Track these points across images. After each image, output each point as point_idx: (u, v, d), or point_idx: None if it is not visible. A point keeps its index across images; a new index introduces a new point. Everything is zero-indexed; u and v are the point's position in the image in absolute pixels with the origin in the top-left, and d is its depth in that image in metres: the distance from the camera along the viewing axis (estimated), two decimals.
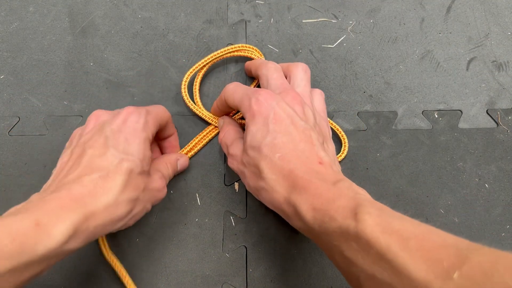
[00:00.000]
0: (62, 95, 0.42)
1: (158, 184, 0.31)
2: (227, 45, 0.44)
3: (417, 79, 0.43)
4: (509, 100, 0.42)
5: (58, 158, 0.30)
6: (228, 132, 0.35)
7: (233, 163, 0.33)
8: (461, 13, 0.47)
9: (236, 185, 0.38)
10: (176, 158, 0.36)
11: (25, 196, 0.25)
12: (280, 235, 0.36)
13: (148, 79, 0.43)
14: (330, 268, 0.35)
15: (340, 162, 0.38)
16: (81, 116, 0.41)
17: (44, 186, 0.28)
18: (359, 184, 0.31)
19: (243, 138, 0.33)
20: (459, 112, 0.41)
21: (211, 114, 0.40)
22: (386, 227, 0.20)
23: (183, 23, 0.46)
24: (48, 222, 0.23)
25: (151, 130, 0.31)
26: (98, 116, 0.31)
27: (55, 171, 0.29)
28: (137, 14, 0.47)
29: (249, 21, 0.46)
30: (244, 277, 0.35)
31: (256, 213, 0.37)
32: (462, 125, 0.41)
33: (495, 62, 0.44)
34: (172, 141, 0.37)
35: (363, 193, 0.26)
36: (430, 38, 0.45)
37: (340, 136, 0.40)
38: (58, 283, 0.35)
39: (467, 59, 0.44)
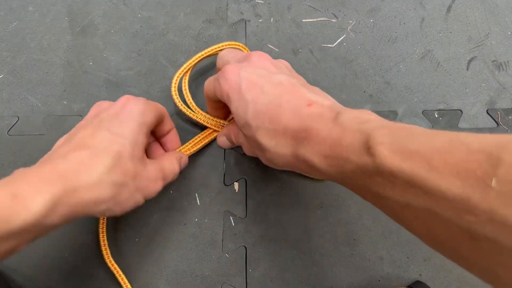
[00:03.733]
0: (61, 94, 0.42)
1: (152, 174, 0.29)
2: None
3: (417, 78, 0.43)
4: (509, 100, 0.42)
5: None
6: (230, 128, 0.36)
7: (245, 151, 0.34)
8: (461, 13, 0.47)
9: (236, 185, 0.38)
10: (180, 155, 0.35)
11: None
12: (280, 235, 0.36)
13: (148, 78, 0.43)
14: (330, 268, 0.35)
15: None
16: (81, 115, 0.41)
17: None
18: None
19: None
20: (459, 111, 0.41)
21: (209, 116, 0.39)
22: (404, 152, 0.19)
23: (182, 22, 0.46)
24: (26, 194, 0.22)
25: (149, 117, 0.30)
26: (99, 105, 0.32)
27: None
28: (137, 14, 0.47)
29: (249, 21, 0.46)
30: (244, 277, 0.35)
31: (256, 213, 0.37)
32: (462, 125, 0.41)
33: (495, 62, 0.44)
34: (173, 136, 0.37)
35: (366, 118, 0.24)
36: (430, 37, 0.45)
37: None
38: (57, 283, 0.34)
39: (467, 58, 0.44)
